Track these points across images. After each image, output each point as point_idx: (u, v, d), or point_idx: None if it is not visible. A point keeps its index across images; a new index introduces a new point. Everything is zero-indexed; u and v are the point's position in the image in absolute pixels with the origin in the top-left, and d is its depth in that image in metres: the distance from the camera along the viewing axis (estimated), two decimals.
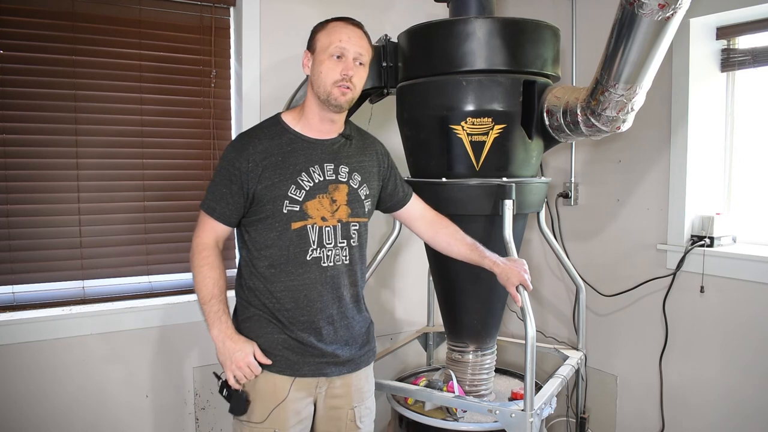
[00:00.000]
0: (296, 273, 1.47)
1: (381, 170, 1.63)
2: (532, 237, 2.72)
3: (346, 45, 1.44)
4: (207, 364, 2.31)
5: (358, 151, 1.57)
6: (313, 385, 1.52)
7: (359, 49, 1.46)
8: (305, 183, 1.46)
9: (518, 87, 1.77)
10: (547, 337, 2.58)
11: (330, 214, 1.48)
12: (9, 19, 1.99)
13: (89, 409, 2.10)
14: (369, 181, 1.57)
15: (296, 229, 1.45)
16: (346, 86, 1.44)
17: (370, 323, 1.64)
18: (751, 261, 2.00)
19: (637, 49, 1.40)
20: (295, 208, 1.45)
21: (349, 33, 1.45)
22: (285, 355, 1.47)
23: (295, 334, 1.48)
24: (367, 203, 1.56)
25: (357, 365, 1.57)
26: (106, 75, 2.14)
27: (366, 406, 1.61)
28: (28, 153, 2.05)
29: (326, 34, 1.46)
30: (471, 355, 1.98)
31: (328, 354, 1.50)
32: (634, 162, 2.34)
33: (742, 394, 2.04)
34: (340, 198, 1.50)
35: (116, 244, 2.20)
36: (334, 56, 1.44)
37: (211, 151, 2.34)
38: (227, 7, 2.34)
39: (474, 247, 1.67)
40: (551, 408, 1.82)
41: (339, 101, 1.45)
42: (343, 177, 1.51)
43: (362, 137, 1.63)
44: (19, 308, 2.04)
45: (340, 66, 1.43)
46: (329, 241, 1.48)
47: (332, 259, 1.49)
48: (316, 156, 1.49)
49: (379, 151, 1.65)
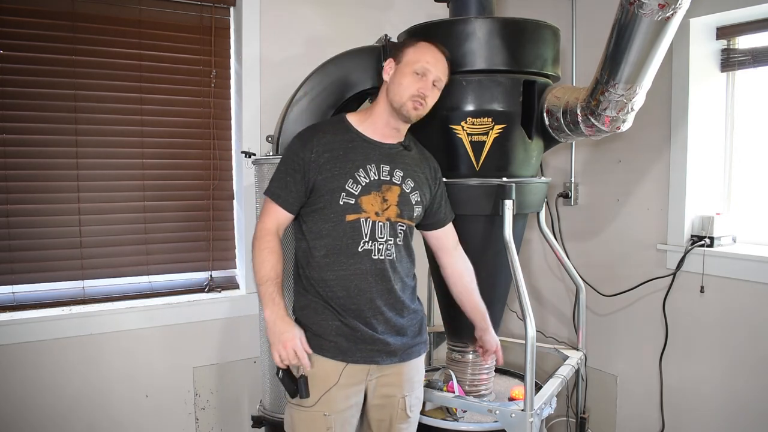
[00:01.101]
0: (348, 263, 1.53)
1: (433, 185, 1.69)
2: (532, 237, 2.72)
3: (431, 67, 1.54)
4: (207, 364, 2.31)
5: (414, 161, 1.64)
6: (364, 372, 1.56)
7: (440, 74, 1.56)
8: (362, 179, 1.53)
9: (518, 87, 1.77)
10: (547, 337, 2.58)
11: (381, 211, 1.55)
12: (9, 19, 1.99)
13: (89, 409, 2.10)
14: (421, 189, 1.63)
15: (350, 221, 1.52)
16: (420, 102, 1.54)
17: (423, 317, 1.69)
18: (751, 261, 2.00)
19: (637, 49, 1.40)
20: (351, 201, 1.52)
21: (437, 57, 1.56)
22: (338, 342, 1.53)
23: (347, 321, 1.53)
24: (417, 208, 1.61)
25: (408, 355, 1.61)
26: (106, 75, 2.14)
27: (416, 395, 1.67)
28: (28, 153, 2.05)
29: (415, 51, 1.56)
30: (471, 355, 1.97)
31: (378, 342, 1.54)
32: (634, 162, 2.34)
33: (742, 393, 2.04)
34: (392, 198, 1.56)
35: (116, 244, 2.20)
36: (417, 73, 1.53)
37: (211, 151, 2.34)
38: (227, 7, 2.34)
39: (483, 314, 1.76)
40: (551, 408, 1.82)
41: (410, 114, 1.55)
42: (397, 180, 1.58)
43: (420, 151, 1.70)
44: (19, 308, 2.04)
45: (420, 83, 1.53)
46: (381, 235, 1.55)
47: (383, 253, 1.55)
48: (374, 155, 1.57)
49: (434, 167, 1.71)
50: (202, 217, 2.35)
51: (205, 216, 2.35)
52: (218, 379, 2.35)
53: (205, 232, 2.35)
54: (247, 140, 2.33)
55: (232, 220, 2.43)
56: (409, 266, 1.65)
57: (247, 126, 2.33)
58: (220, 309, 2.34)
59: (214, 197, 2.35)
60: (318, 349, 1.53)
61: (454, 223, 1.76)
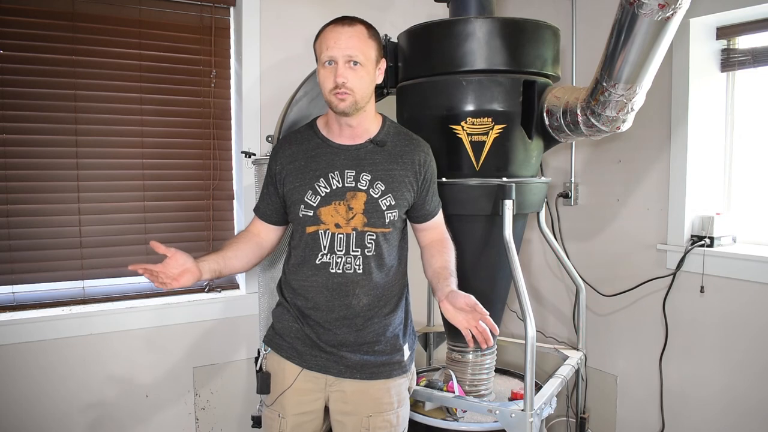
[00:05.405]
0: (308, 275, 1.51)
1: (417, 180, 1.53)
2: (532, 237, 2.72)
3: (333, 51, 1.40)
4: (207, 364, 2.31)
5: (388, 158, 1.51)
6: (321, 381, 1.53)
7: (348, 51, 1.40)
8: (321, 189, 1.48)
9: (518, 87, 1.77)
10: (547, 337, 2.58)
11: (345, 221, 1.47)
12: (9, 19, 1.99)
13: (89, 408, 2.10)
14: (395, 191, 1.49)
15: (310, 233, 1.50)
16: (342, 93, 1.40)
17: (400, 335, 1.55)
18: (751, 261, 2.00)
19: (637, 49, 1.40)
20: (309, 213, 1.48)
21: (336, 36, 1.41)
22: (294, 345, 1.53)
23: (306, 327, 1.52)
24: (390, 214, 1.48)
25: (374, 375, 1.51)
26: (106, 75, 2.14)
27: (384, 419, 1.52)
28: (28, 153, 2.05)
29: (319, 42, 1.46)
30: (471, 355, 1.97)
31: (334, 353, 1.51)
32: (634, 162, 2.34)
33: (742, 393, 2.04)
34: (357, 206, 1.48)
35: (116, 244, 2.20)
36: (326, 63, 1.43)
37: (211, 151, 2.34)
38: (227, 7, 2.34)
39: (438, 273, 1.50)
40: (551, 408, 1.82)
41: (339, 108, 1.43)
42: (363, 185, 1.47)
43: (403, 143, 1.54)
44: (19, 308, 2.04)
45: (332, 73, 1.41)
46: (340, 248, 1.48)
47: (341, 267, 1.48)
48: (338, 162, 1.49)
49: (419, 161, 1.53)
50: (202, 217, 2.35)
51: (205, 216, 2.35)
52: (218, 379, 2.35)
53: (205, 232, 2.35)
54: (247, 140, 2.33)
55: (232, 220, 2.43)
56: (386, 278, 1.51)
57: (247, 126, 2.33)
58: (220, 309, 2.34)
59: (214, 197, 2.35)
60: (276, 348, 1.56)
61: (455, 223, 1.76)
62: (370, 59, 1.45)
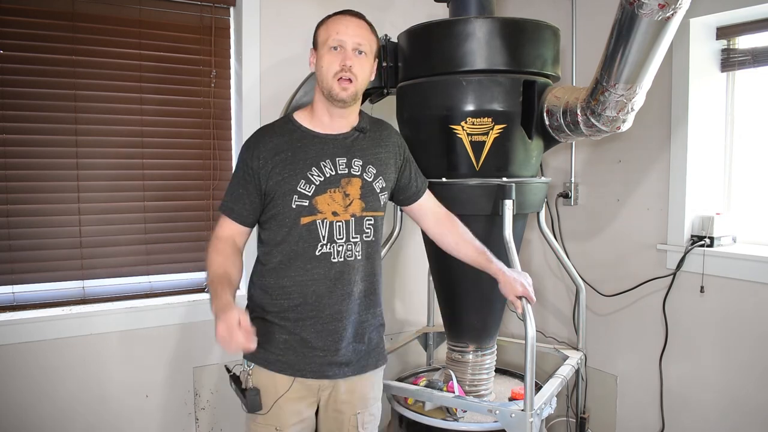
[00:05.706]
0: (305, 268, 1.47)
1: (397, 162, 1.61)
2: (532, 237, 2.72)
3: (343, 36, 1.43)
4: (207, 364, 2.31)
5: (373, 143, 1.56)
6: (315, 387, 1.51)
7: (357, 39, 1.44)
8: (315, 178, 1.46)
9: (518, 87, 1.77)
10: (547, 337, 2.58)
11: (343, 208, 1.48)
12: (9, 19, 1.98)
13: (89, 409, 2.10)
14: (385, 174, 1.55)
15: (305, 224, 1.45)
16: (347, 77, 1.42)
17: (381, 325, 1.61)
18: (751, 261, 2.00)
19: (637, 49, 1.40)
20: (304, 203, 1.45)
21: (347, 23, 1.45)
22: (286, 357, 1.48)
23: (298, 332, 1.48)
24: (382, 196, 1.54)
25: (362, 368, 1.55)
26: (106, 75, 2.14)
27: (370, 413, 1.59)
28: (28, 153, 2.05)
29: (325, 28, 1.48)
30: (471, 355, 1.98)
31: (331, 353, 1.49)
32: (634, 162, 2.34)
33: (742, 393, 2.04)
34: (354, 192, 1.49)
35: (116, 244, 2.20)
36: (332, 48, 1.44)
37: (211, 151, 2.34)
38: (227, 7, 2.34)
39: (482, 251, 1.64)
40: (551, 408, 1.82)
41: (340, 96, 1.44)
42: (356, 170, 1.50)
43: (379, 128, 1.61)
44: (19, 308, 2.04)
45: (339, 57, 1.43)
46: (340, 236, 1.47)
47: (342, 255, 1.48)
48: (328, 150, 1.49)
49: (396, 143, 1.62)
50: (202, 217, 2.34)
51: (205, 216, 2.35)
52: (218, 379, 2.34)
53: (205, 232, 2.35)
54: None
55: None
56: (377, 262, 1.57)
57: (247, 126, 2.33)
58: None
59: (214, 197, 2.35)
60: (263, 363, 1.48)
61: None
62: (372, 53, 1.50)
